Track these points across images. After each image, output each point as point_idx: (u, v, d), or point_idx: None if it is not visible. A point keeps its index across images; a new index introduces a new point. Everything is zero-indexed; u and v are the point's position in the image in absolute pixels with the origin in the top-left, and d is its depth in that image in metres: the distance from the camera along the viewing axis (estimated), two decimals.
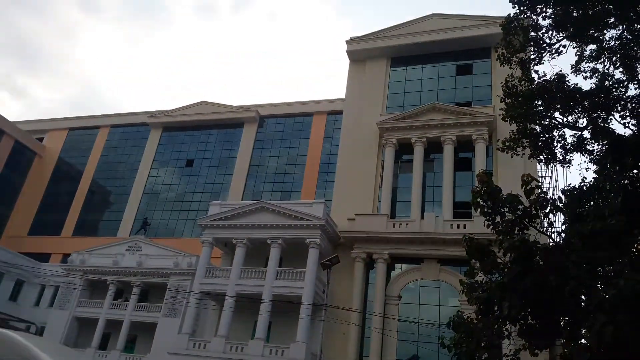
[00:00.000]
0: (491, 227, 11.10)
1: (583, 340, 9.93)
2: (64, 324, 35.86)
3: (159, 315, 33.86)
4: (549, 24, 13.12)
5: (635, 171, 10.65)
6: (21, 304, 41.87)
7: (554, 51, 13.44)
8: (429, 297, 28.68)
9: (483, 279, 11.16)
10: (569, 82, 13.03)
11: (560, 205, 10.66)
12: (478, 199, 10.88)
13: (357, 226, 30.39)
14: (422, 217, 30.24)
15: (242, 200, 42.76)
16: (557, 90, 12.94)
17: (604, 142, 12.62)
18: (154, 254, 36.48)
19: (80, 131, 57.29)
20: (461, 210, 30.41)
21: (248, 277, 29.34)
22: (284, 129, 49.53)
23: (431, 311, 27.84)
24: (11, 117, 77.49)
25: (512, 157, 14.72)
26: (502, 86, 13.90)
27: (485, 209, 10.97)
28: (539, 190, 10.67)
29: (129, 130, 54.96)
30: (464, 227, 27.68)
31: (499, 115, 14.59)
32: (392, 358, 27.27)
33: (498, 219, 11.08)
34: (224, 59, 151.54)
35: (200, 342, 28.56)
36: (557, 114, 13.52)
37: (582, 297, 9.42)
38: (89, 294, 37.54)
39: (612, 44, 13.04)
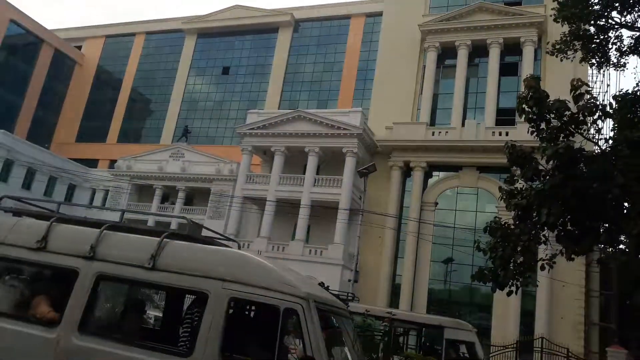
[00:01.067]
0: (535, 134, 10.88)
1: (622, 246, 10.03)
2: None
3: (204, 218, 35.70)
4: None
5: None
6: (75, 206, 44.71)
7: None
8: (465, 204, 29.04)
9: (523, 186, 11.16)
10: None
11: (610, 111, 10.26)
12: (523, 105, 10.56)
13: (395, 134, 30.26)
14: (463, 125, 29.74)
15: (278, 108, 42.75)
16: None
17: None
18: (197, 160, 37.72)
19: (117, 39, 57.16)
20: (504, 117, 29.70)
21: (287, 183, 30.24)
22: (320, 34, 47.90)
23: (467, 217, 28.31)
24: (48, 25, 77.33)
25: (561, 61, 13.98)
26: None
27: (531, 115, 10.68)
28: (589, 96, 10.24)
29: (164, 38, 54.45)
30: (506, 134, 27.17)
31: (551, 15, 13.64)
32: (427, 259, 28.38)
33: (543, 125, 10.81)
34: None
35: (244, 242, 30.27)
36: (614, 13, 12.56)
37: (625, 204, 9.36)
38: (137, 197, 39.66)
39: None
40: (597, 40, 12.92)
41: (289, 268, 5.28)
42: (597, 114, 10.13)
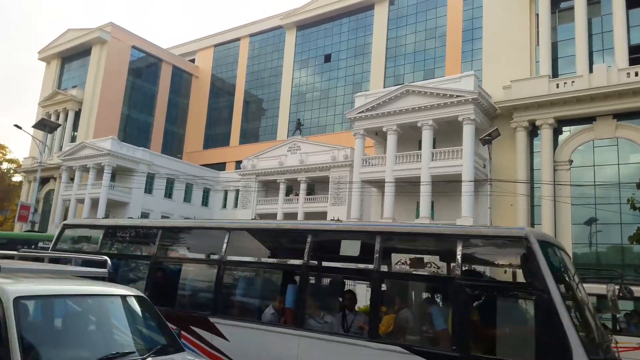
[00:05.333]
0: None
1: None
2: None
3: (327, 205, 36.81)
4: None
5: None
6: (212, 208, 48.80)
7: None
8: (604, 157, 26.34)
9: None
10: None
11: None
12: None
13: (515, 93, 28.28)
14: (591, 71, 26.89)
15: (383, 87, 42.27)
16: None
17: None
18: (312, 151, 38.84)
19: (224, 46, 60.61)
20: (638, 55, 26.31)
21: (404, 162, 29.82)
22: (417, 1, 46.28)
23: (608, 171, 25.71)
24: (163, 45, 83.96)
25: None
26: None
27: None
28: None
29: (266, 37, 56.57)
30: None
31: None
32: (567, 223, 26.29)
33: None
34: None
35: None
36: None
37: None
38: (264, 193, 41.99)
39: None
40: None
41: None
42: None
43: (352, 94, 39.99)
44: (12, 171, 65.55)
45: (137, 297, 4.98)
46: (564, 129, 27.93)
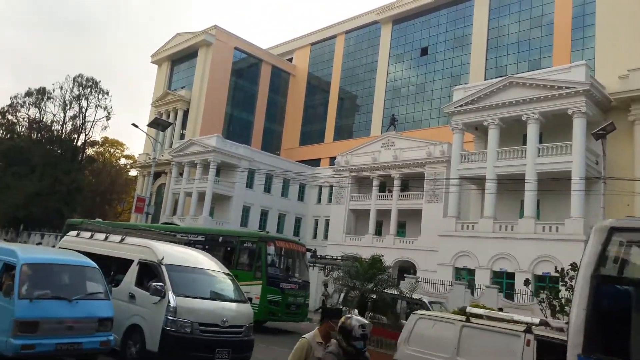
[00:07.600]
0: None
1: None
2: (343, 216, 41.54)
3: (422, 202, 36.10)
4: None
5: None
6: (307, 203, 49.97)
7: None
8: None
9: None
10: None
11: None
12: None
13: (633, 83, 25.85)
14: None
15: (484, 79, 40.45)
16: None
17: None
18: (407, 146, 38.26)
19: (320, 44, 61.62)
20: None
21: (506, 157, 28.42)
22: None
23: None
24: (262, 45, 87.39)
25: None
26: None
27: None
28: None
29: (361, 33, 56.65)
30: None
31: None
32: None
33: None
34: None
35: (468, 223, 29.59)
36: None
37: None
38: (357, 189, 42.17)
39: None
40: None
41: None
42: None
43: (449, 87, 38.84)
44: (128, 166, 72.02)
45: None
46: None
